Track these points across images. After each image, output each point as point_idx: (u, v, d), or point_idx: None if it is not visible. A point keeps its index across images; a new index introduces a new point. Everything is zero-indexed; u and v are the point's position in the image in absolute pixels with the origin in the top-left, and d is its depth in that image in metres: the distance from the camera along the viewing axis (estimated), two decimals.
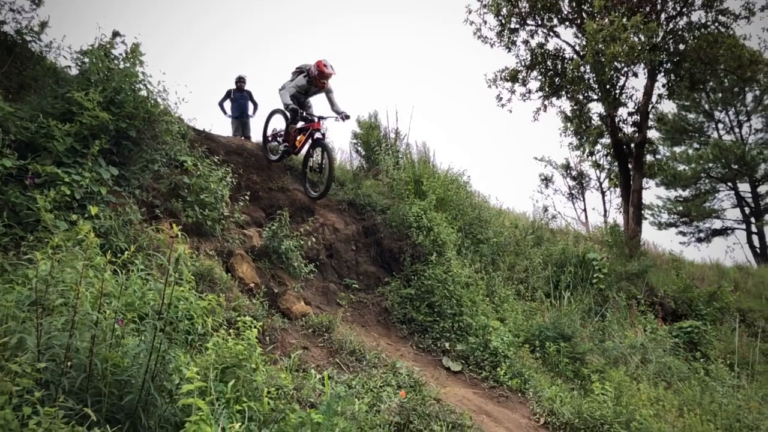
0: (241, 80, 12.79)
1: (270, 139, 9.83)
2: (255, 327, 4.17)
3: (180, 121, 7.39)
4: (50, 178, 5.09)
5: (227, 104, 12.78)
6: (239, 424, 3.03)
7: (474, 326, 7.33)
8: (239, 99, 12.76)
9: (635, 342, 8.33)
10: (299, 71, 9.33)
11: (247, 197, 7.51)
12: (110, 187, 5.58)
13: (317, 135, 8.88)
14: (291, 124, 9.19)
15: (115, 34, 6.26)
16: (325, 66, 8.89)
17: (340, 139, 36.79)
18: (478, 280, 8.51)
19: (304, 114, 9.08)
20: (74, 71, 6.25)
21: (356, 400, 4.13)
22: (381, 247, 8.53)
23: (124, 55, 6.17)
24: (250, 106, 12.88)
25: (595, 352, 7.88)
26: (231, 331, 4.30)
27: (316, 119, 8.99)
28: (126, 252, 3.40)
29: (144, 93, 6.18)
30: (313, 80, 9.04)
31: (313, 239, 7.64)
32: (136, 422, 2.80)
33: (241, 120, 12.70)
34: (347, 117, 9.06)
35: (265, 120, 9.99)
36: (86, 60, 6.08)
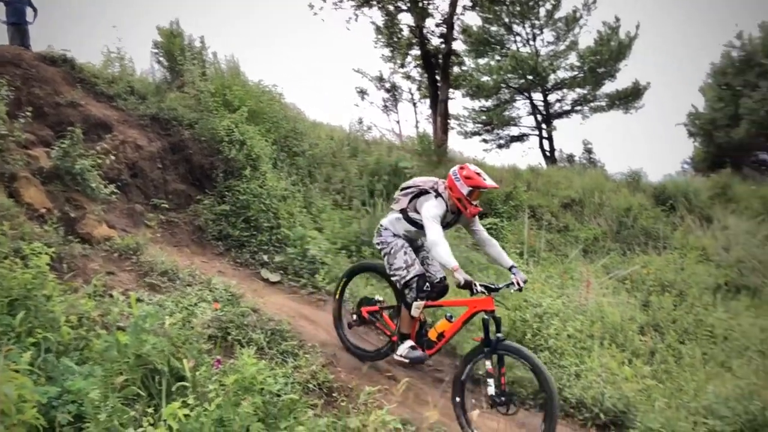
0: None
1: (354, 320, 5.35)
2: (45, 254, 3.82)
3: None
4: None
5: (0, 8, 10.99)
6: (30, 353, 2.81)
7: (292, 237, 7.43)
8: (15, 3, 10.97)
9: None
10: (420, 191, 4.76)
11: (29, 113, 6.65)
12: None
13: (490, 324, 4.23)
14: (416, 300, 4.58)
15: None
16: (479, 174, 4.51)
17: (137, 49, 32.88)
18: (295, 192, 8.57)
19: (439, 279, 4.83)
20: None
21: (168, 317, 4.01)
22: (191, 163, 8.14)
23: None
24: (29, 11, 11.21)
25: None
26: (18, 260, 3.90)
27: (485, 292, 4.26)
28: None
29: None
30: (458, 205, 4.59)
31: (113, 158, 7.05)
32: None
33: (18, 27, 11.01)
34: (525, 281, 4.58)
35: (341, 280, 5.62)
36: None
